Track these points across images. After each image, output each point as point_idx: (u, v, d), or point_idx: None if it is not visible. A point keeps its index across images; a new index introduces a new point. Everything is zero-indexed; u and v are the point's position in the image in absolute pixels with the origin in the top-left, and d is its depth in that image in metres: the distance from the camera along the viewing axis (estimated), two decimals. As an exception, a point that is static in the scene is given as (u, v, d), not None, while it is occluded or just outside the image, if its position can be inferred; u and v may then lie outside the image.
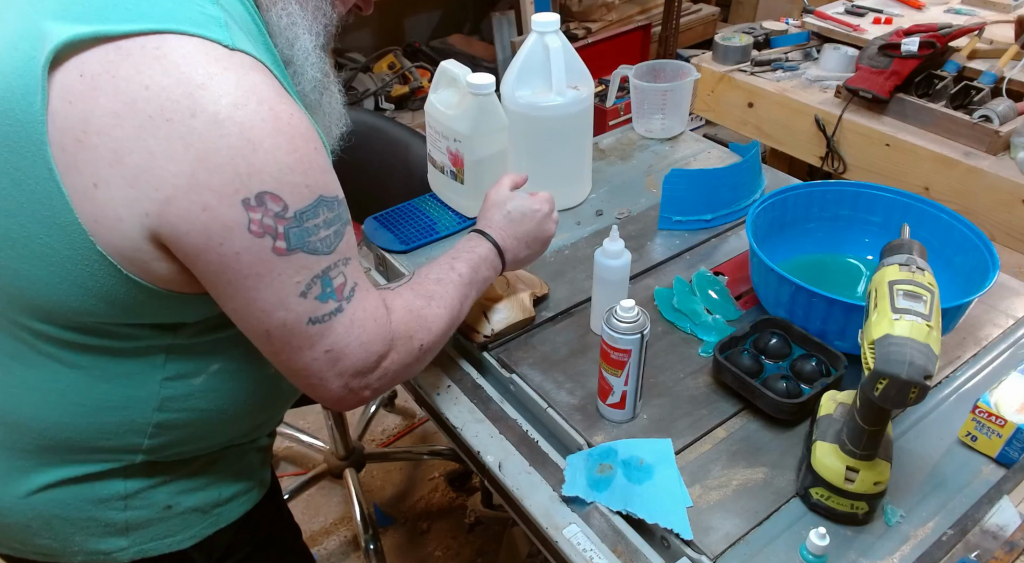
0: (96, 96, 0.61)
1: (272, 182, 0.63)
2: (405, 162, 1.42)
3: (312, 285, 0.68)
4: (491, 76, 1.10)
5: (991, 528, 0.78)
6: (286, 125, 0.64)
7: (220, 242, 0.64)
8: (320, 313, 0.70)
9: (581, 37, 3.01)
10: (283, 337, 0.70)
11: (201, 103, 0.61)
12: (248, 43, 0.66)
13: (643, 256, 1.18)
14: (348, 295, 0.72)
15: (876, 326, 0.71)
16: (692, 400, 0.94)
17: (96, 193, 0.63)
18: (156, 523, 0.83)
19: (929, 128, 1.62)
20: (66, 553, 0.82)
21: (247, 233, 0.64)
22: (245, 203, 0.63)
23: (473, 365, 1.03)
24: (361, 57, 3.11)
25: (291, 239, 0.66)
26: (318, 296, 0.69)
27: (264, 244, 0.65)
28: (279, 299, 0.68)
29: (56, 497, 0.79)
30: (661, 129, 1.49)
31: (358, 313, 0.73)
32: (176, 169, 0.61)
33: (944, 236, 1.04)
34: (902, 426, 0.90)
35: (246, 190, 0.63)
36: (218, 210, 0.62)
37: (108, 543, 0.82)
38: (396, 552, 1.81)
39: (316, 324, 0.70)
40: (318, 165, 0.67)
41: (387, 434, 2.12)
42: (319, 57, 0.76)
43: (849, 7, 2.03)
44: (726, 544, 0.78)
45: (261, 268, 0.66)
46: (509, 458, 0.90)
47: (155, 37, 0.61)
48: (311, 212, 0.66)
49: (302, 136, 0.66)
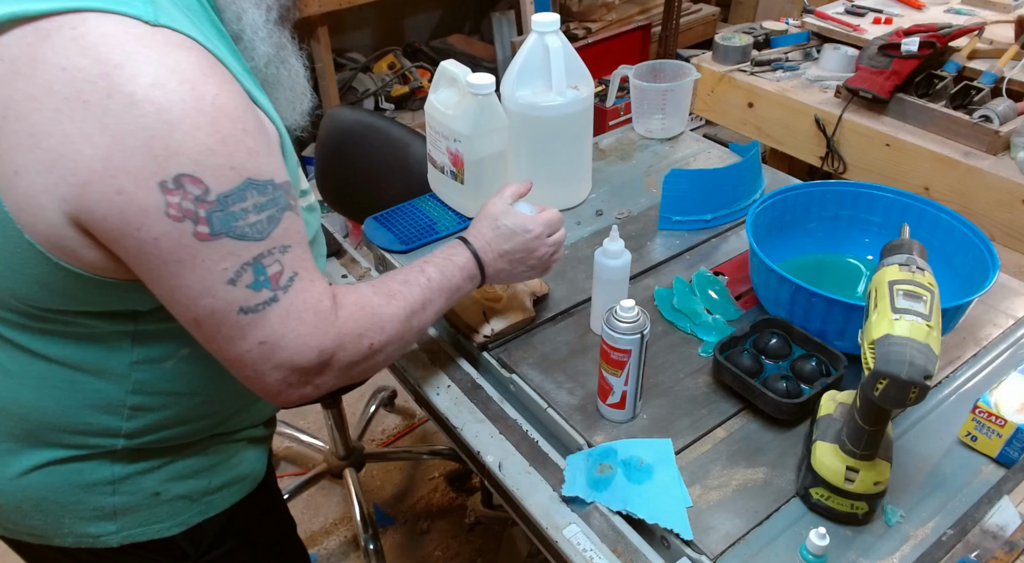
0: (15, 80, 0.60)
1: (191, 164, 0.61)
2: (405, 162, 1.42)
3: (242, 273, 0.66)
4: (491, 76, 1.10)
5: (991, 528, 0.78)
6: (208, 105, 0.62)
7: (138, 227, 0.62)
8: (252, 302, 0.67)
9: (581, 37, 3.01)
10: (213, 325, 0.68)
11: (117, 83, 0.59)
12: (181, 18, 0.64)
13: (643, 256, 1.18)
14: (285, 285, 0.69)
15: (876, 326, 0.71)
16: (692, 400, 0.94)
17: (17, 181, 0.61)
18: (144, 509, 0.83)
19: (929, 128, 1.62)
20: (57, 534, 0.83)
21: (165, 217, 0.61)
22: (162, 186, 0.61)
23: (473, 365, 1.03)
24: (361, 57, 3.11)
25: (214, 224, 0.63)
26: (250, 284, 0.66)
27: (184, 229, 0.62)
28: (204, 286, 0.65)
29: (45, 480, 0.79)
30: (661, 129, 1.49)
31: (296, 304, 0.70)
32: (92, 153, 0.59)
33: (944, 236, 1.04)
34: (902, 426, 0.90)
35: (163, 172, 0.60)
36: (135, 194, 0.60)
37: (97, 527, 0.82)
38: (396, 552, 1.81)
39: (248, 314, 0.67)
40: (246, 146, 0.64)
41: (387, 434, 2.12)
42: (271, 31, 0.75)
43: (849, 7, 2.03)
44: (726, 544, 0.78)
45: (182, 254, 0.63)
46: (509, 458, 0.90)
47: (75, 16, 0.60)
48: (237, 195, 0.64)
49: (228, 116, 0.63)
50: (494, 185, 1.23)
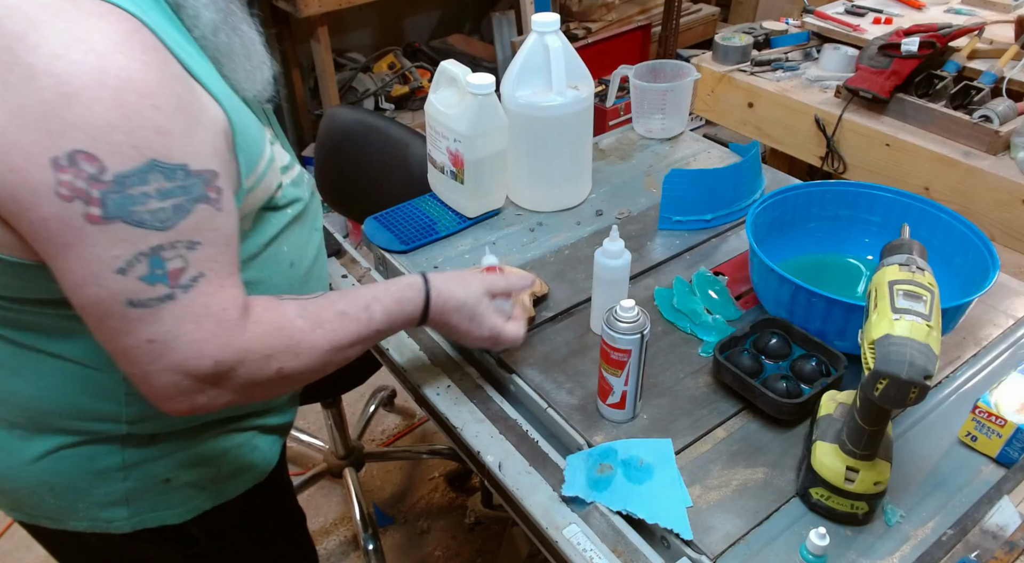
0: None
1: (86, 139, 0.57)
2: (405, 162, 1.42)
3: (135, 262, 0.61)
4: (491, 76, 1.10)
5: (991, 528, 0.78)
6: (113, 77, 0.58)
7: (29, 207, 0.59)
8: (144, 296, 0.62)
9: (581, 37, 3.01)
10: (98, 315, 0.64)
11: (18, 54, 0.56)
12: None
13: (643, 256, 1.18)
14: (187, 284, 0.64)
15: (876, 326, 0.71)
16: (692, 400, 0.94)
17: None
18: (155, 495, 0.83)
19: (929, 128, 1.62)
20: (72, 518, 0.83)
21: (55, 197, 0.58)
22: (55, 162, 0.57)
23: (473, 365, 1.03)
24: (361, 57, 3.11)
25: (108, 206, 0.59)
26: (143, 276, 0.62)
27: (74, 210, 0.58)
28: (90, 273, 0.61)
29: (57, 465, 0.79)
30: (661, 129, 1.49)
31: (196, 307, 0.64)
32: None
33: (944, 236, 1.04)
34: (902, 426, 0.90)
35: (56, 148, 0.57)
36: (27, 171, 0.57)
37: (110, 512, 0.83)
38: (396, 552, 1.81)
39: (137, 308, 0.62)
40: (153, 124, 0.60)
41: (387, 434, 2.12)
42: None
43: (849, 7, 2.03)
44: (726, 544, 0.78)
45: (71, 236, 0.59)
46: (509, 458, 0.90)
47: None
48: (137, 177, 0.59)
49: (136, 90, 0.59)
50: (494, 185, 1.24)
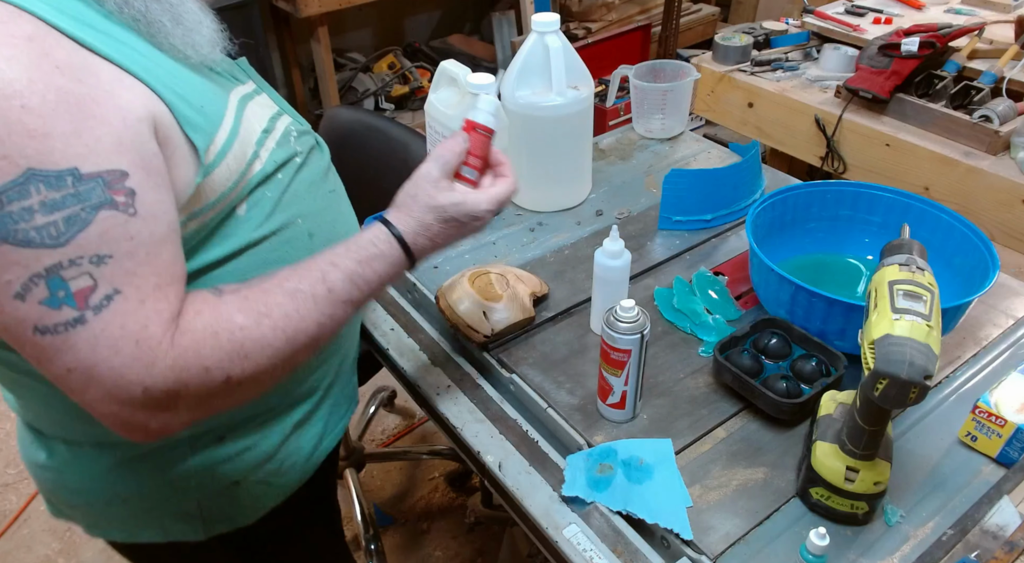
0: None
1: None
2: (405, 162, 1.42)
3: (31, 286, 0.55)
4: (491, 76, 1.10)
5: (991, 528, 0.78)
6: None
7: None
8: (50, 322, 0.56)
9: (581, 37, 3.01)
10: (15, 344, 0.58)
11: None
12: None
13: (643, 256, 1.18)
14: (98, 304, 0.56)
15: (876, 326, 0.71)
16: (692, 400, 0.94)
17: None
18: (225, 499, 0.82)
19: (929, 128, 1.62)
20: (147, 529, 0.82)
21: None
22: None
23: (473, 365, 1.03)
24: (361, 57, 3.11)
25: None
26: (43, 300, 0.55)
27: None
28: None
29: (129, 475, 0.78)
30: (661, 129, 1.49)
31: (111, 330, 0.57)
32: None
33: (944, 236, 1.04)
34: (902, 426, 0.90)
35: None
36: None
37: (183, 521, 0.82)
38: (396, 552, 1.81)
39: (46, 335, 0.56)
40: (25, 128, 0.53)
41: (387, 434, 2.12)
42: None
43: (849, 7, 2.03)
44: (726, 544, 0.78)
45: None
46: (509, 458, 0.90)
47: None
48: (14, 191, 0.53)
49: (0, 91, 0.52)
50: (494, 185, 1.24)
